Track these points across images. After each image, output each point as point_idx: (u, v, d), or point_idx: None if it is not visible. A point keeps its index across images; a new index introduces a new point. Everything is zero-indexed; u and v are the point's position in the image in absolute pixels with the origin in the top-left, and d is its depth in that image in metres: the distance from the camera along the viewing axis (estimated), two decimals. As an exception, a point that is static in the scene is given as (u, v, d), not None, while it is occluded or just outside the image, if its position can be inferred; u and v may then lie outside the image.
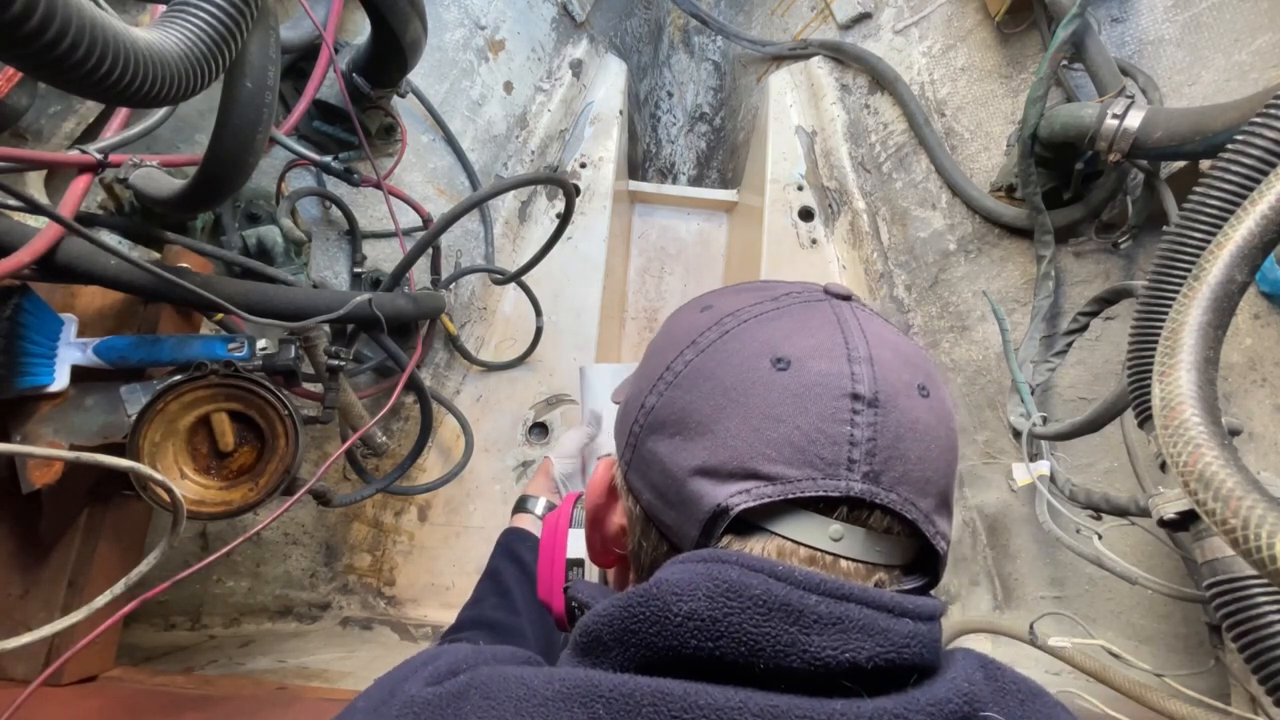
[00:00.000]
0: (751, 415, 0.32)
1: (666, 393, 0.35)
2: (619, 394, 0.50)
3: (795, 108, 1.53)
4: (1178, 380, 0.34)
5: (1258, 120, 0.52)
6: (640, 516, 0.36)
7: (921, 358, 0.35)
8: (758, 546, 0.31)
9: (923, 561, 0.34)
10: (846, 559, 0.31)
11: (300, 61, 1.01)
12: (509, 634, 0.66)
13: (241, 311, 0.72)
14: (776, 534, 0.31)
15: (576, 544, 0.52)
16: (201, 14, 0.50)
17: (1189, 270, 0.51)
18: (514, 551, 0.79)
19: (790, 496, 0.31)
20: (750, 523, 0.31)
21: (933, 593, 0.34)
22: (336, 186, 1.09)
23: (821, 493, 0.30)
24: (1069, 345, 1.06)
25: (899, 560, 0.32)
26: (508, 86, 1.38)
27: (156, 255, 0.82)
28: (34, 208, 0.64)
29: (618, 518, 0.39)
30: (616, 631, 0.29)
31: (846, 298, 0.37)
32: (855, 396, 0.32)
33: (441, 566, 1.23)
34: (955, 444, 0.35)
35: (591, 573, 0.52)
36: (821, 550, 0.31)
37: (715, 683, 0.27)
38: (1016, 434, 1.03)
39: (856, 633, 0.28)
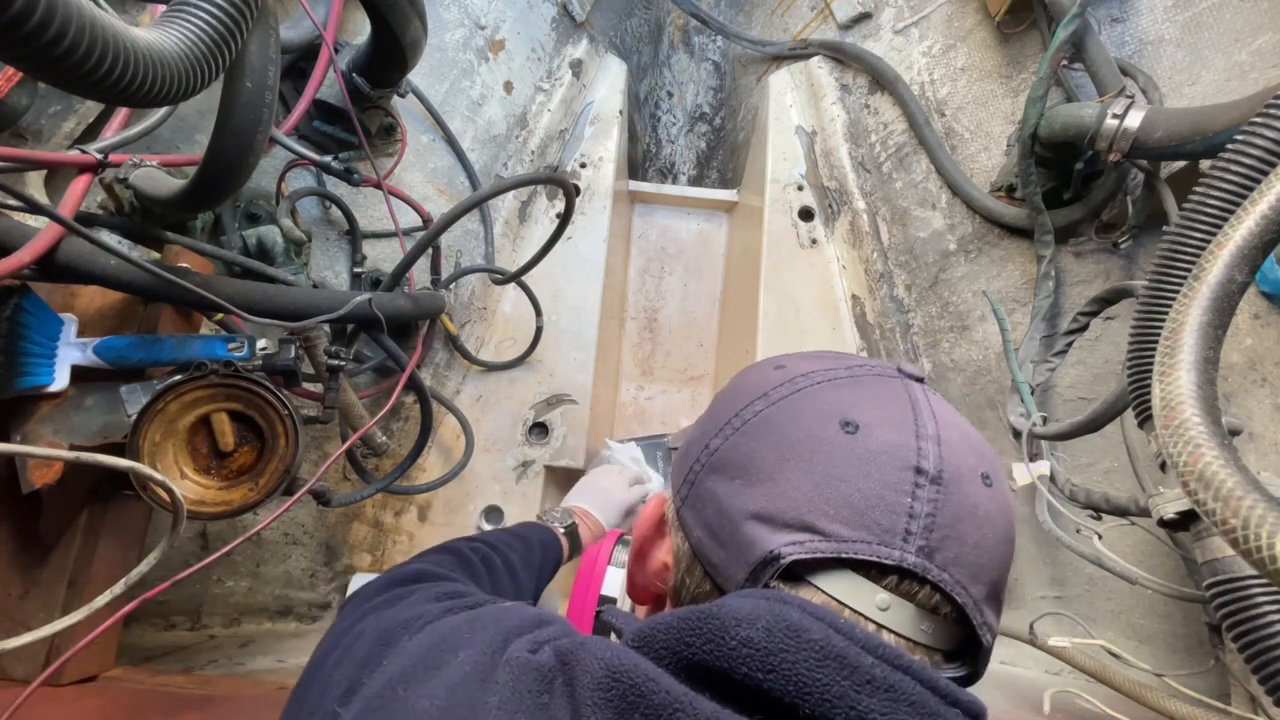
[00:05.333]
0: (814, 471, 0.32)
1: (732, 437, 0.36)
2: (677, 439, 0.51)
3: (795, 108, 1.53)
4: (1178, 380, 0.34)
5: (1258, 120, 0.52)
6: (688, 553, 0.36)
7: (987, 448, 0.36)
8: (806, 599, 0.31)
9: (964, 652, 0.33)
10: (891, 631, 0.31)
11: (300, 61, 1.01)
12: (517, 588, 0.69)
13: (242, 312, 0.72)
14: (822, 590, 0.31)
15: (612, 582, 0.52)
16: (201, 14, 0.50)
17: (1189, 270, 0.51)
18: (544, 539, 0.81)
19: (842, 555, 0.31)
20: (799, 575, 0.32)
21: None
22: (336, 186, 1.09)
23: (874, 557, 0.30)
24: (1069, 345, 1.06)
25: (943, 645, 0.32)
26: (508, 86, 1.38)
27: (156, 255, 0.82)
28: (34, 208, 0.64)
29: (662, 554, 0.40)
30: (671, 641, 0.29)
31: (920, 379, 0.38)
32: (919, 470, 0.32)
33: (441, 566, 1.23)
34: (1013, 539, 0.35)
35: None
36: (867, 617, 0.30)
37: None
38: (1016, 434, 1.03)
39: (906, 706, 0.27)
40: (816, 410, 0.35)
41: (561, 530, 0.87)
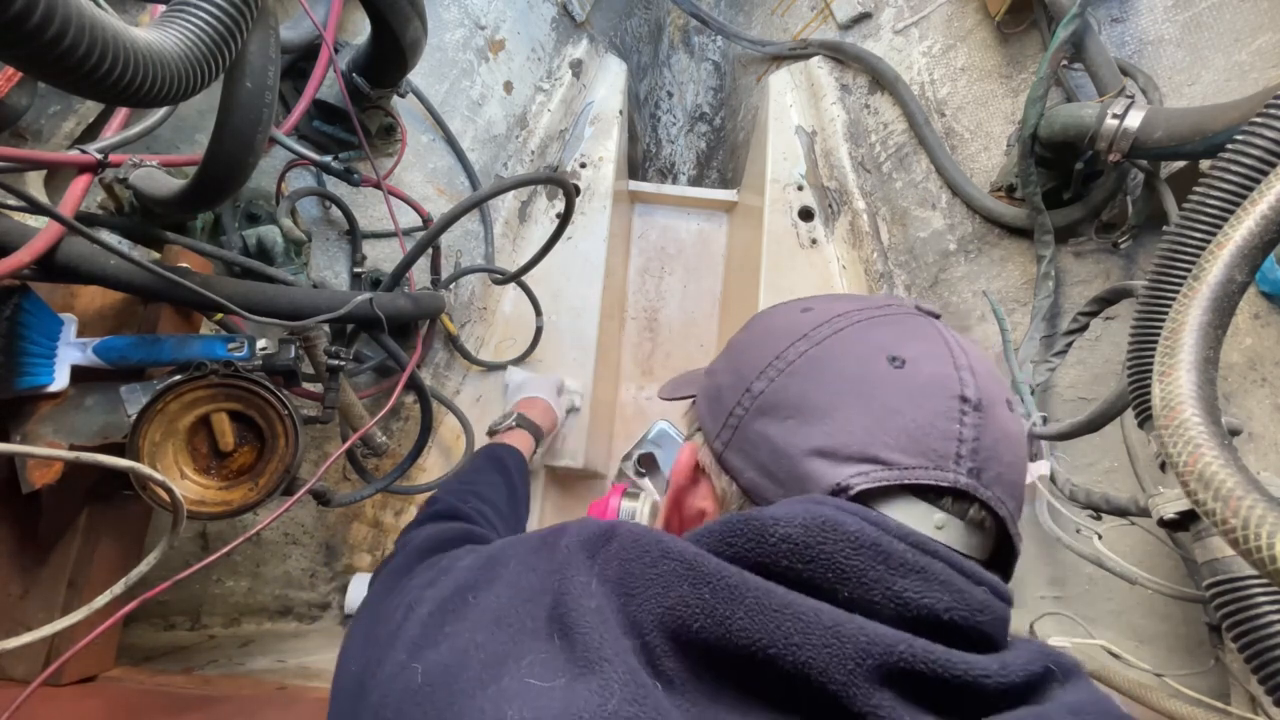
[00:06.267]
0: (871, 405, 0.34)
1: (778, 379, 0.37)
2: (670, 390, 0.54)
3: (795, 108, 1.53)
4: (1178, 380, 0.34)
5: (1258, 120, 0.52)
6: (737, 494, 0.38)
7: (1003, 378, 0.39)
8: None
9: (998, 561, 0.37)
10: (945, 546, 0.33)
11: (300, 61, 1.01)
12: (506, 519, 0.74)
13: (243, 311, 0.72)
14: (886, 515, 0.33)
15: None
16: (201, 14, 0.50)
17: (1189, 270, 0.51)
18: (516, 462, 0.92)
19: (905, 482, 0.33)
20: (864, 504, 0.33)
21: None
22: (336, 186, 1.09)
23: (932, 481, 0.33)
24: (1069, 345, 1.06)
25: (983, 555, 0.35)
26: (508, 86, 1.38)
27: (156, 255, 0.82)
28: (37, 208, 0.64)
29: (699, 500, 0.41)
30: (714, 543, 0.32)
31: (937, 315, 0.40)
32: (964, 399, 0.34)
33: (441, 566, 1.23)
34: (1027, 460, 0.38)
35: None
36: (924, 535, 0.33)
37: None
38: (1016, 434, 1.03)
39: (937, 585, 0.30)
40: (862, 348, 0.37)
41: (515, 425, 1.02)
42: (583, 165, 1.50)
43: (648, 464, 0.93)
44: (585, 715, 0.26)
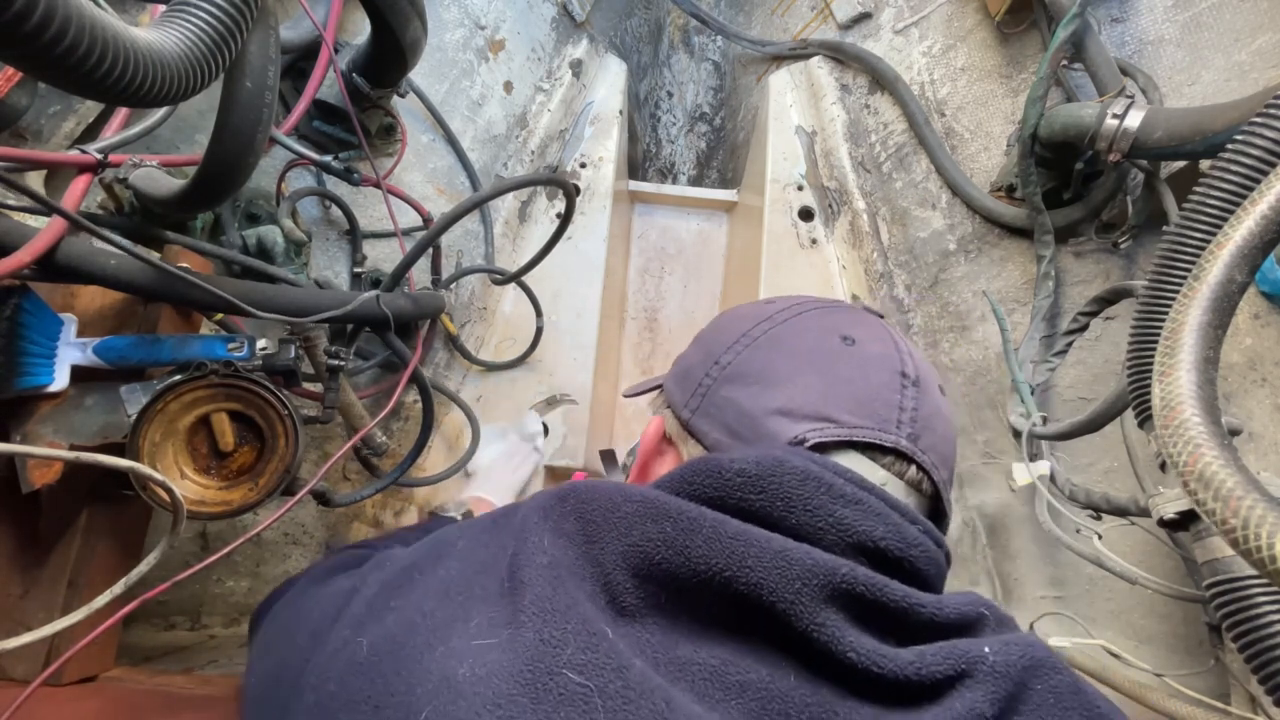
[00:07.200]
0: (825, 374, 0.39)
1: (744, 352, 0.42)
2: (633, 389, 0.58)
3: (795, 108, 1.53)
4: (1178, 380, 0.34)
5: (1258, 120, 0.52)
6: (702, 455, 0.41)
7: (933, 368, 0.44)
8: None
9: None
10: (881, 488, 0.36)
11: (300, 61, 1.01)
12: None
13: (253, 309, 0.71)
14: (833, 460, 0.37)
15: None
16: (201, 14, 0.50)
17: (1189, 270, 0.51)
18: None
19: (854, 438, 0.37)
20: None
21: None
22: (336, 186, 1.09)
23: (876, 440, 0.37)
24: (1069, 345, 1.06)
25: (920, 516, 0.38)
26: (508, 86, 1.38)
27: (157, 255, 0.82)
28: (48, 207, 0.64)
29: (664, 468, 0.44)
30: (674, 485, 0.35)
31: (882, 316, 0.46)
32: (904, 375, 0.39)
33: (441, 566, 1.23)
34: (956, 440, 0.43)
35: None
36: (862, 475, 0.36)
37: None
38: (1016, 434, 1.03)
39: (873, 516, 0.33)
40: (819, 328, 0.42)
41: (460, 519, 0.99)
42: (583, 165, 1.50)
43: (609, 459, 0.94)
44: (541, 665, 0.27)
